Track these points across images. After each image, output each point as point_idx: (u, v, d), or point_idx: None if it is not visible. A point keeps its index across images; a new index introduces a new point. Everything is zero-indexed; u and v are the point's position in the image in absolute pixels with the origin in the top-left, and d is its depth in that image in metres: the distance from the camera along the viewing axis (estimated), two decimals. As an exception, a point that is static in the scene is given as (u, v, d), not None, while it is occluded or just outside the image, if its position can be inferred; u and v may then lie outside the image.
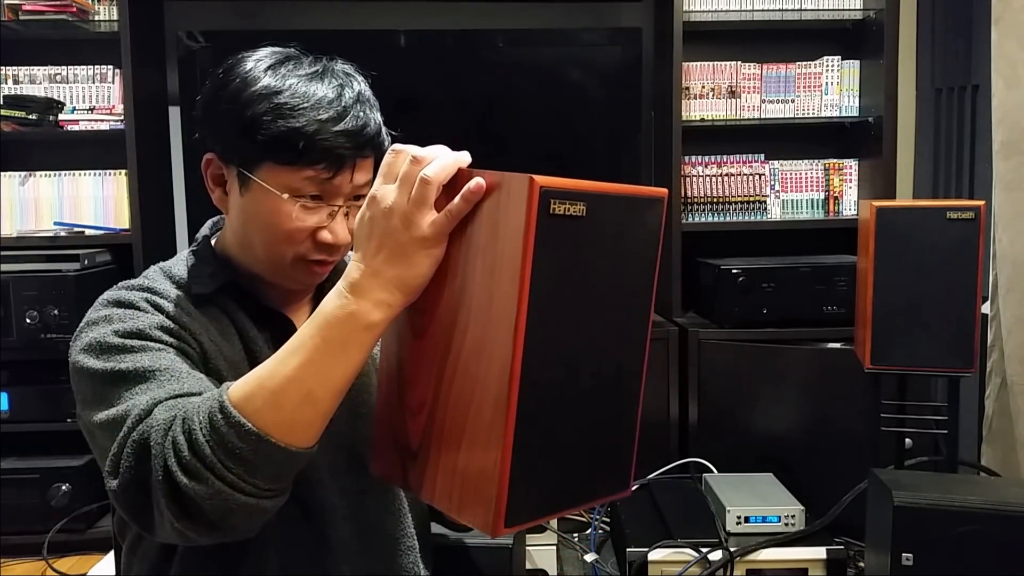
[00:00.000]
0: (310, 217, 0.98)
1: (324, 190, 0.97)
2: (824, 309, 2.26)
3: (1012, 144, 1.79)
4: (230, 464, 0.77)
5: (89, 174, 2.39)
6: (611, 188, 0.73)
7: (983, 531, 1.18)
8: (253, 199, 0.99)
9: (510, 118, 2.49)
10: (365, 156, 0.99)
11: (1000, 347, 1.83)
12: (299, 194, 0.97)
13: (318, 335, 0.77)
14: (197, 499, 0.77)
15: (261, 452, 0.77)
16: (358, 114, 0.98)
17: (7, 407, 2.15)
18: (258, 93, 0.96)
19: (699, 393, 2.24)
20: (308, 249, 1.00)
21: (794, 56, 2.55)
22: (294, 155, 0.95)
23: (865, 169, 2.54)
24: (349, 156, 0.97)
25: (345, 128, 0.96)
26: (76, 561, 2.01)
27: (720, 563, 1.43)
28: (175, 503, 0.78)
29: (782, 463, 1.88)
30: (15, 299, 2.10)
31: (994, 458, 1.87)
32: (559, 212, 0.68)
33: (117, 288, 1.03)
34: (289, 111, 0.95)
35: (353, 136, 0.97)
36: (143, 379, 0.88)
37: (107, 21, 2.39)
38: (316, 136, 0.94)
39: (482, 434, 0.69)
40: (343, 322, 0.77)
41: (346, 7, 2.56)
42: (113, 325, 0.95)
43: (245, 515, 0.80)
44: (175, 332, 0.97)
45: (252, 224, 1.00)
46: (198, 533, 0.80)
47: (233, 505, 0.78)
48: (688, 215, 2.51)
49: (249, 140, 0.96)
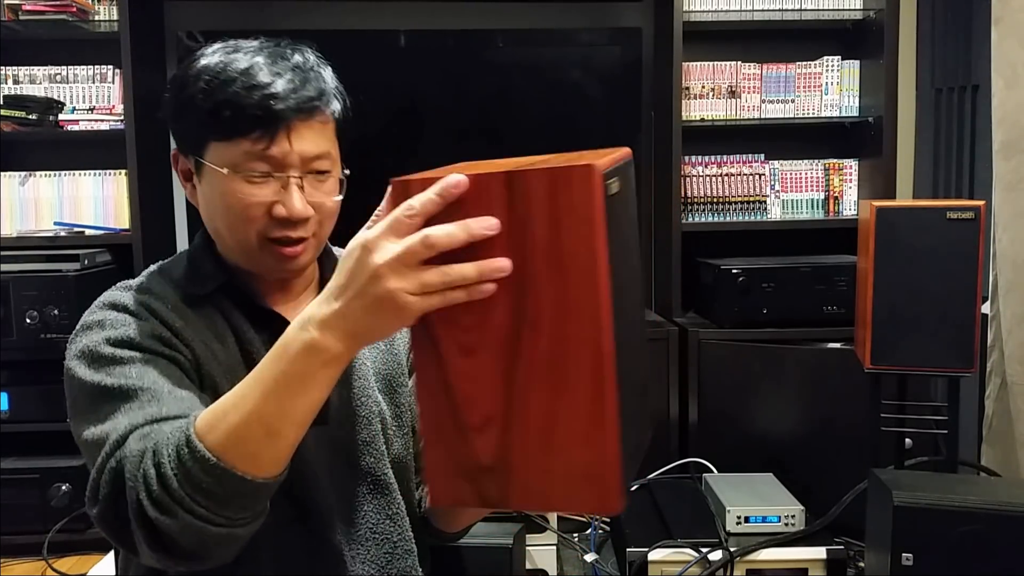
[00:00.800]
0: (259, 191, 0.96)
1: (269, 162, 0.95)
2: (824, 309, 2.26)
3: (1012, 144, 1.79)
4: (198, 498, 0.76)
5: (89, 174, 2.39)
6: (612, 156, 0.74)
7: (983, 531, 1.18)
8: (208, 183, 0.99)
9: (510, 118, 2.49)
10: (304, 118, 0.96)
11: (1000, 347, 1.83)
12: (242, 167, 0.95)
13: (278, 368, 0.75)
14: (170, 532, 0.77)
15: (227, 485, 0.76)
16: (292, 77, 0.96)
17: (7, 407, 2.15)
18: (194, 74, 0.96)
19: (699, 393, 2.24)
20: (266, 226, 0.97)
21: (794, 56, 2.55)
22: (227, 126, 0.94)
23: (865, 169, 2.54)
24: (282, 119, 0.94)
25: (275, 91, 0.94)
26: (76, 561, 2.01)
27: (720, 563, 1.43)
28: (149, 535, 0.79)
29: (782, 463, 1.88)
30: (15, 299, 2.10)
31: (994, 458, 1.87)
32: (612, 192, 0.70)
33: (115, 289, 1.03)
34: (219, 84, 0.94)
35: (284, 97, 0.94)
36: (126, 398, 0.88)
37: (107, 21, 2.39)
38: (244, 101, 0.93)
39: (581, 425, 0.71)
40: (304, 357, 0.74)
41: (346, 7, 2.56)
42: (105, 332, 0.95)
43: (219, 545, 0.80)
44: (167, 340, 0.96)
45: (213, 209, 1.00)
46: (176, 563, 0.81)
47: (206, 537, 0.78)
48: (688, 215, 2.51)
49: (189, 121, 0.96)
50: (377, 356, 1.12)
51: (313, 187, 0.99)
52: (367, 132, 2.47)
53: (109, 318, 0.97)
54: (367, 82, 2.41)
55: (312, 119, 0.97)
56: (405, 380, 1.13)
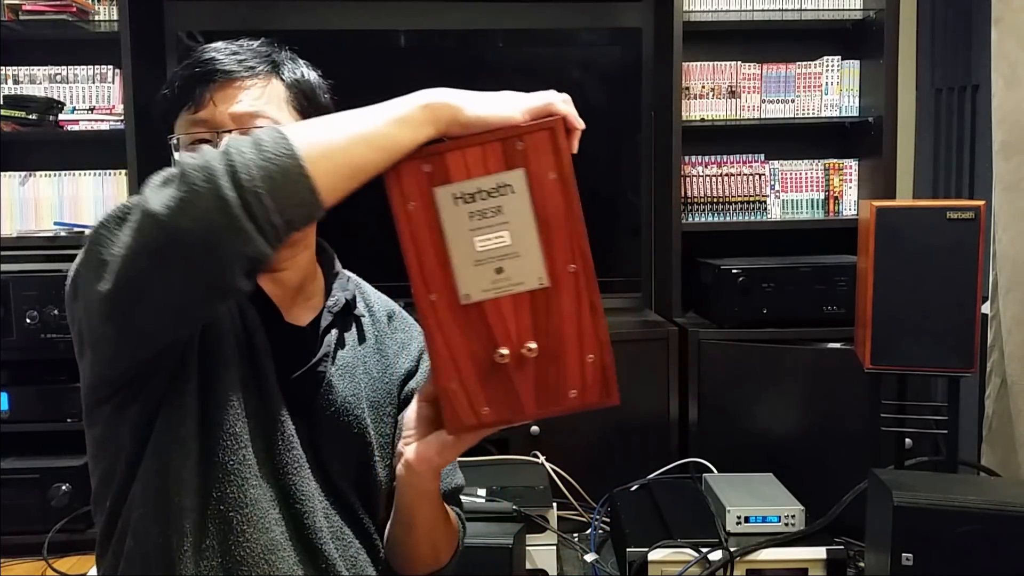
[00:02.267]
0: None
1: (202, 126, 0.98)
2: (824, 309, 2.26)
3: (1012, 144, 1.79)
4: (253, 172, 0.73)
5: (89, 174, 2.39)
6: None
7: (983, 531, 1.18)
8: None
9: (510, 118, 2.49)
10: (235, 81, 0.98)
11: (1000, 347, 1.83)
12: (183, 133, 0.99)
13: (387, 108, 0.80)
14: (195, 196, 0.73)
15: (290, 173, 0.75)
16: (232, 50, 1.00)
17: (7, 407, 2.15)
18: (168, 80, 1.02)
19: (699, 393, 2.24)
20: None
21: (794, 56, 2.55)
22: (173, 103, 0.99)
23: (865, 169, 2.54)
24: (207, 82, 0.97)
25: (206, 59, 0.98)
26: (76, 561, 2.01)
27: (720, 563, 1.43)
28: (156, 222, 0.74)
29: (782, 463, 1.88)
30: (15, 299, 2.10)
31: (994, 458, 1.87)
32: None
33: None
34: (182, 68, 1.00)
35: (204, 64, 0.98)
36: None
37: (107, 21, 2.39)
38: (183, 76, 0.98)
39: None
40: (413, 106, 0.81)
41: (346, 7, 2.56)
42: None
43: (229, 237, 0.73)
44: None
45: None
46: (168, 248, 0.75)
47: (227, 218, 0.73)
48: (688, 215, 2.51)
49: (161, 109, 1.01)
50: (370, 383, 1.11)
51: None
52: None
53: None
54: (367, 82, 2.41)
55: (238, 78, 0.99)
56: (393, 410, 1.13)
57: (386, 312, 1.17)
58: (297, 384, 1.02)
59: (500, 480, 1.73)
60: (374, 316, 1.15)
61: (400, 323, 1.18)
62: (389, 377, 1.13)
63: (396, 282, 1.28)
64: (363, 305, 1.15)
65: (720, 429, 2.19)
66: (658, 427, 2.26)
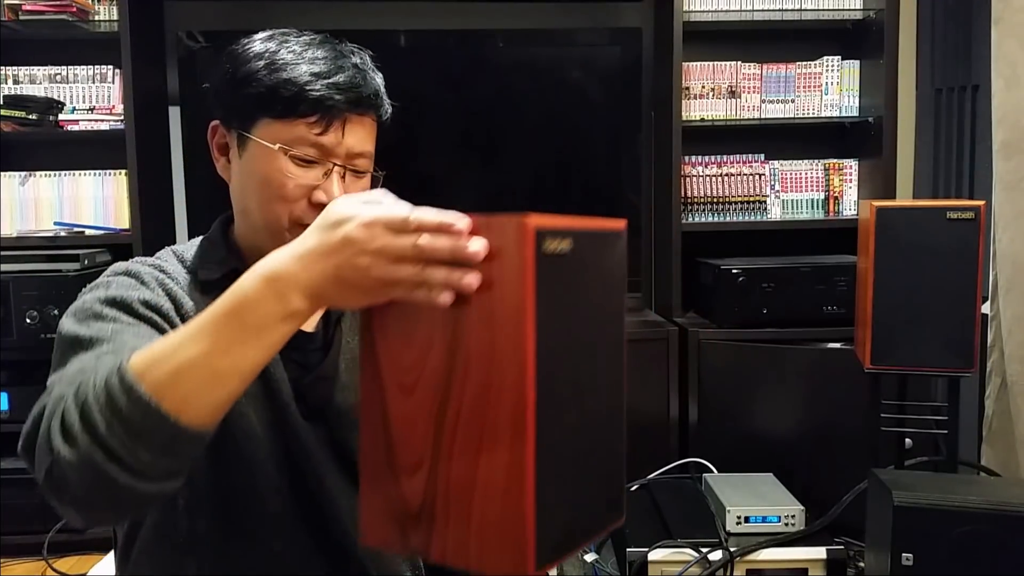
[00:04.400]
0: (304, 174, 0.97)
1: (318, 148, 0.97)
2: (824, 309, 2.26)
3: (1012, 144, 1.79)
4: (115, 427, 0.70)
5: (89, 174, 2.39)
6: (586, 223, 0.74)
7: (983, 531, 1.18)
8: (250, 158, 0.99)
9: (510, 118, 2.49)
10: (359, 113, 0.99)
11: (1000, 347, 1.83)
12: (293, 147, 0.97)
13: (236, 316, 0.72)
14: (70, 464, 0.70)
15: (149, 421, 0.70)
16: (353, 73, 0.99)
17: (7, 407, 2.15)
18: (255, 52, 1.00)
19: (699, 393, 2.23)
20: (303, 211, 0.98)
21: (794, 56, 2.55)
22: (286, 107, 0.96)
23: (865, 169, 2.54)
24: (340, 109, 0.97)
25: (336, 81, 0.97)
26: (76, 561, 2.01)
27: (720, 563, 1.43)
28: (49, 469, 0.72)
29: (782, 463, 1.88)
30: (15, 299, 2.10)
31: (994, 458, 1.87)
32: (551, 251, 0.68)
33: (132, 261, 1.03)
34: (282, 64, 0.97)
35: (345, 90, 0.97)
36: (89, 347, 0.85)
37: (107, 21, 2.39)
38: (307, 87, 0.96)
39: (499, 478, 0.68)
40: (266, 309, 0.72)
41: (346, 7, 2.56)
42: (106, 291, 0.94)
43: (113, 494, 0.72)
44: (164, 312, 0.94)
45: (250, 184, 1.00)
46: (64, 507, 0.74)
47: (104, 478, 0.70)
48: (688, 215, 2.51)
49: (244, 95, 0.98)
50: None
51: (351, 181, 1.01)
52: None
53: (115, 281, 0.97)
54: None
55: (365, 116, 1.00)
56: None
57: None
58: (310, 387, 1.02)
59: (500, 480, 1.72)
60: None
61: None
62: None
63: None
64: None
65: (720, 429, 2.19)
66: (658, 427, 2.26)
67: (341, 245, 0.70)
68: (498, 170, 2.52)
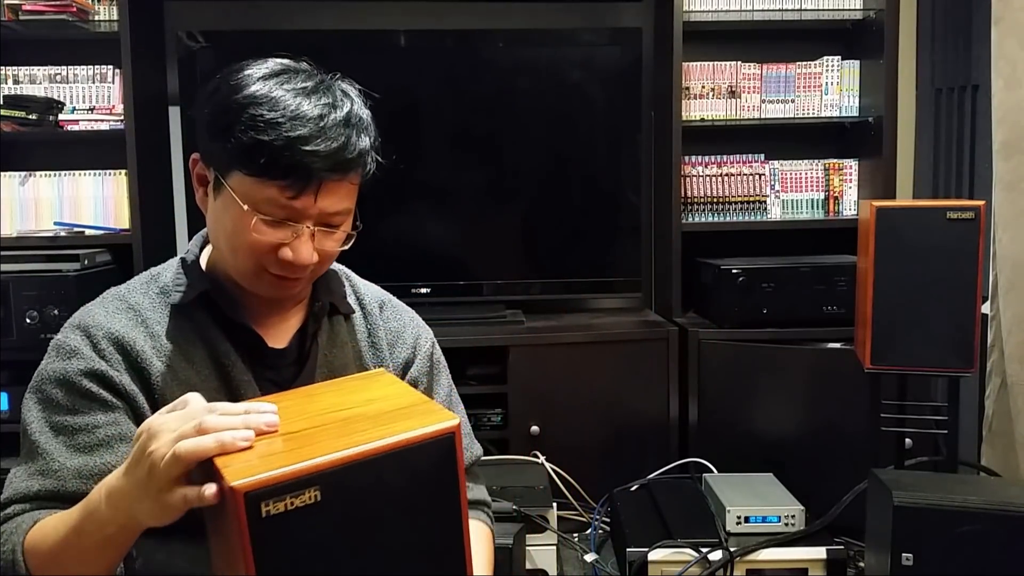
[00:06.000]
0: (272, 232, 0.96)
1: (289, 208, 0.95)
2: (824, 309, 2.26)
3: (1012, 144, 1.79)
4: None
5: (89, 174, 2.39)
6: (361, 453, 0.68)
7: (983, 531, 1.18)
8: (223, 204, 0.98)
9: (510, 118, 2.49)
10: (335, 179, 0.96)
11: (1000, 347, 1.83)
12: (262, 208, 0.95)
13: (90, 519, 0.84)
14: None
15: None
16: (337, 136, 0.95)
17: (7, 407, 2.15)
18: (239, 102, 0.94)
19: (699, 393, 2.24)
20: (270, 263, 0.98)
21: (794, 56, 2.55)
22: (259, 168, 0.93)
23: (865, 169, 2.54)
24: (315, 176, 0.94)
25: (316, 148, 0.93)
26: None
27: (720, 563, 1.43)
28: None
29: (782, 463, 1.88)
30: (15, 299, 2.10)
31: (994, 458, 1.87)
32: (277, 511, 0.65)
33: (65, 328, 1.05)
34: (263, 124, 0.93)
35: (324, 158, 0.94)
36: (34, 458, 0.96)
37: (107, 21, 2.38)
38: (283, 152, 0.92)
39: None
40: (104, 519, 0.82)
41: (346, 7, 2.56)
42: (52, 364, 1.01)
43: None
44: (105, 378, 0.98)
45: (220, 228, 1.00)
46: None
47: None
48: (688, 215, 2.51)
49: (222, 146, 0.95)
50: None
51: (324, 236, 0.99)
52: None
53: (63, 349, 1.02)
54: (367, 82, 2.41)
55: (344, 179, 0.98)
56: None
57: (378, 303, 1.18)
58: None
59: (500, 480, 1.73)
60: (365, 309, 1.15)
61: (391, 312, 1.18)
62: (385, 368, 1.13)
63: (396, 282, 1.28)
64: (354, 299, 1.15)
65: (720, 429, 2.19)
66: (658, 427, 2.26)
67: (144, 440, 0.77)
68: (498, 170, 2.52)
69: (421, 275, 2.42)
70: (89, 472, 0.94)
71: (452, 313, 2.35)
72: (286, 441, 0.72)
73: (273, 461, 0.66)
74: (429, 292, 2.42)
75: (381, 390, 0.83)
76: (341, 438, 0.70)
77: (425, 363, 1.18)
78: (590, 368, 2.25)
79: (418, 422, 0.73)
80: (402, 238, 2.42)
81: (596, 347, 2.27)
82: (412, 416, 0.74)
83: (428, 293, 2.42)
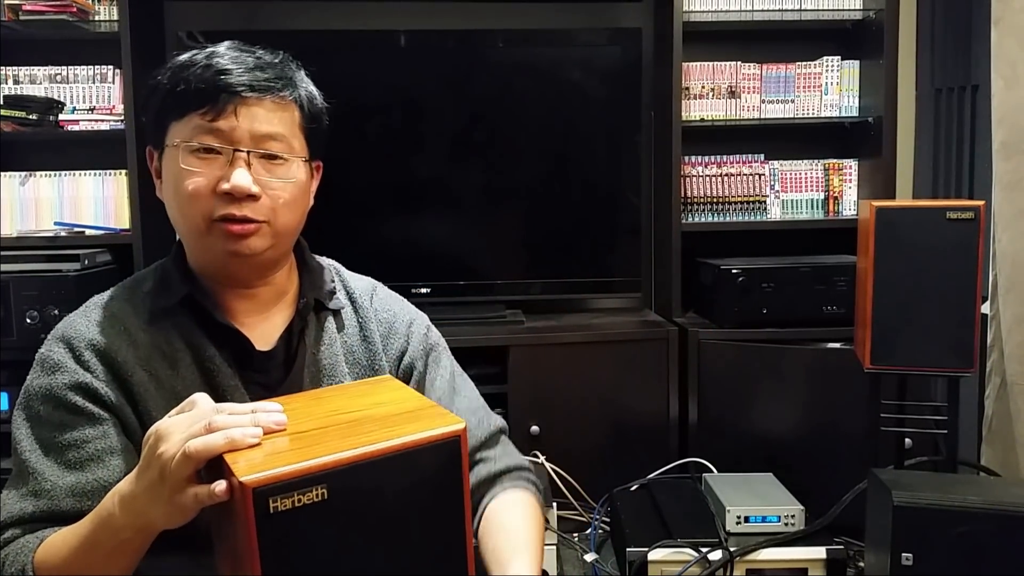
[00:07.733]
0: (206, 168, 0.97)
1: (217, 136, 0.97)
2: (824, 309, 2.26)
3: (1012, 144, 1.79)
4: None
5: (89, 174, 2.39)
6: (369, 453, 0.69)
7: (983, 531, 1.18)
8: (166, 168, 1.00)
9: (510, 118, 2.49)
10: (255, 97, 0.98)
11: (1000, 347, 1.83)
12: (192, 141, 0.97)
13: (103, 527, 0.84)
14: None
15: None
16: (251, 63, 0.99)
17: (7, 407, 2.15)
18: (164, 67, 1.01)
19: (699, 393, 2.24)
20: (213, 205, 0.97)
21: (794, 56, 2.55)
22: (181, 103, 0.97)
23: (865, 169, 2.54)
24: (230, 93, 0.96)
25: (227, 68, 0.97)
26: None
27: (720, 563, 1.43)
28: None
29: (782, 463, 1.88)
30: (15, 299, 2.10)
31: (994, 458, 1.87)
32: (285, 508, 0.66)
33: (48, 341, 1.06)
34: (180, 67, 0.98)
35: (239, 76, 0.97)
36: (25, 479, 0.95)
37: (107, 21, 2.39)
38: (200, 78, 0.96)
39: None
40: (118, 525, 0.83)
41: (346, 7, 2.56)
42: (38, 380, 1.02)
43: None
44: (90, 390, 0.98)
45: (168, 196, 1.01)
46: None
47: None
48: (688, 215, 2.51)
49: (153, 107, 1.00)
50: (358, 373, 1.11)
51: (265, 168, 0.99)
52: (367, 132, 2.47)
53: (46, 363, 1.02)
54: (367, 82, 2.41)
55: (264, 98, 0.99)
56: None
57: (368, 295, 1.17)
58: None
59: (500, 480, 1.72)
60: (356, 303, 1.14)
61: (382, 302, 1.17)
62: (378, 362, 1.12)
63: (396, 282, 1.28)
64: (343, 293, 1.14)
65: (720, 429, 2.19)
66: (658, 427, 2.26)
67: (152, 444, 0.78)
68: (498, 170, 2.52)
69: (421, 275, 2.43)
70: (82, 490, 0.94)
71: (452, 313, 2.35)
72: (294, 440, 0.73)
73: (281, 459, 0.68)
74: (429, 292, 2.42)
75: (388, 394, 0.84)
76: (348, 438, 0.71)
77: (419, 346, 1.16)
78: (590, 368, 2.25)
79: (425, 425, 0.74)
80: (402, 238, 2.42)
81: (596, 347, 2.27)
82: (419, 419, 0.75)
83: (428, 293, 2.42)
